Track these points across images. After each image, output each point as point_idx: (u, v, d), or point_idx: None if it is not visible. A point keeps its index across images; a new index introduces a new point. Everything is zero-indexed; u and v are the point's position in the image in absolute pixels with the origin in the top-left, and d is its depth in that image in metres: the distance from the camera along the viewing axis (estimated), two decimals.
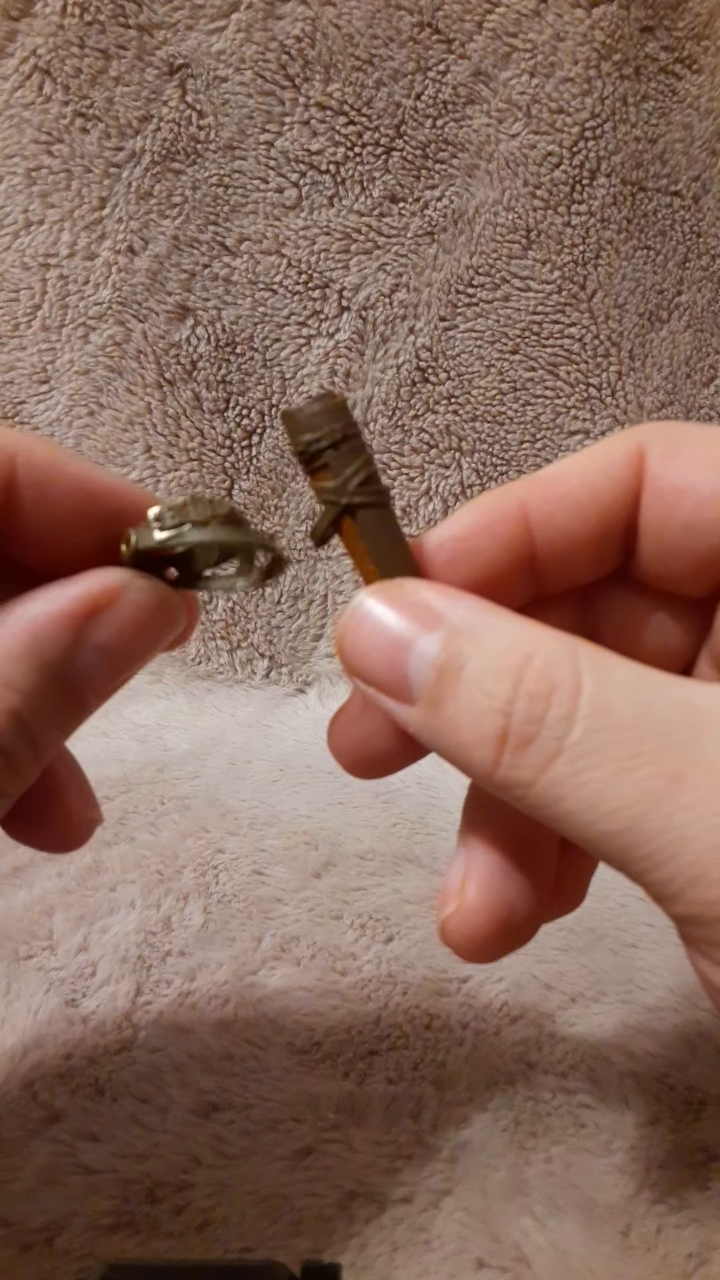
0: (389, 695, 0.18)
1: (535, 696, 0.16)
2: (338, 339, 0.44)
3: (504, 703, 0.16)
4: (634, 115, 0.42)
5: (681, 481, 0.19)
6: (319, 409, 0.18)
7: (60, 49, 0.40)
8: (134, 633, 0.19)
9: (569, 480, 0.20)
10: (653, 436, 0.20)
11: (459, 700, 0.17)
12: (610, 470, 0.19)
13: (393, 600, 0.18)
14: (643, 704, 0.16)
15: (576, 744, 0.16)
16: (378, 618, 0.18)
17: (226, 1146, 0.28)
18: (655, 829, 0.16)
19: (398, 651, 0.17)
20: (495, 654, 0.17)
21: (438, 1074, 0.30)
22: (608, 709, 0.16)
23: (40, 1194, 0.26)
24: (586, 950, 0.33)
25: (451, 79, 0.41)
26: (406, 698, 0.17)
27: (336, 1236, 0.26)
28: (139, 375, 0.44)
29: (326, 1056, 0.30)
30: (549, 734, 0.16)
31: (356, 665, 0.18)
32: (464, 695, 0.17)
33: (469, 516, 0.20)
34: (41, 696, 0.18)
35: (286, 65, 0.41)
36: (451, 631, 0.17)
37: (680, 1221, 0.26)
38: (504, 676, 0.17)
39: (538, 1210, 0.26)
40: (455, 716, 0.17)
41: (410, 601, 0.18)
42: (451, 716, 0.17)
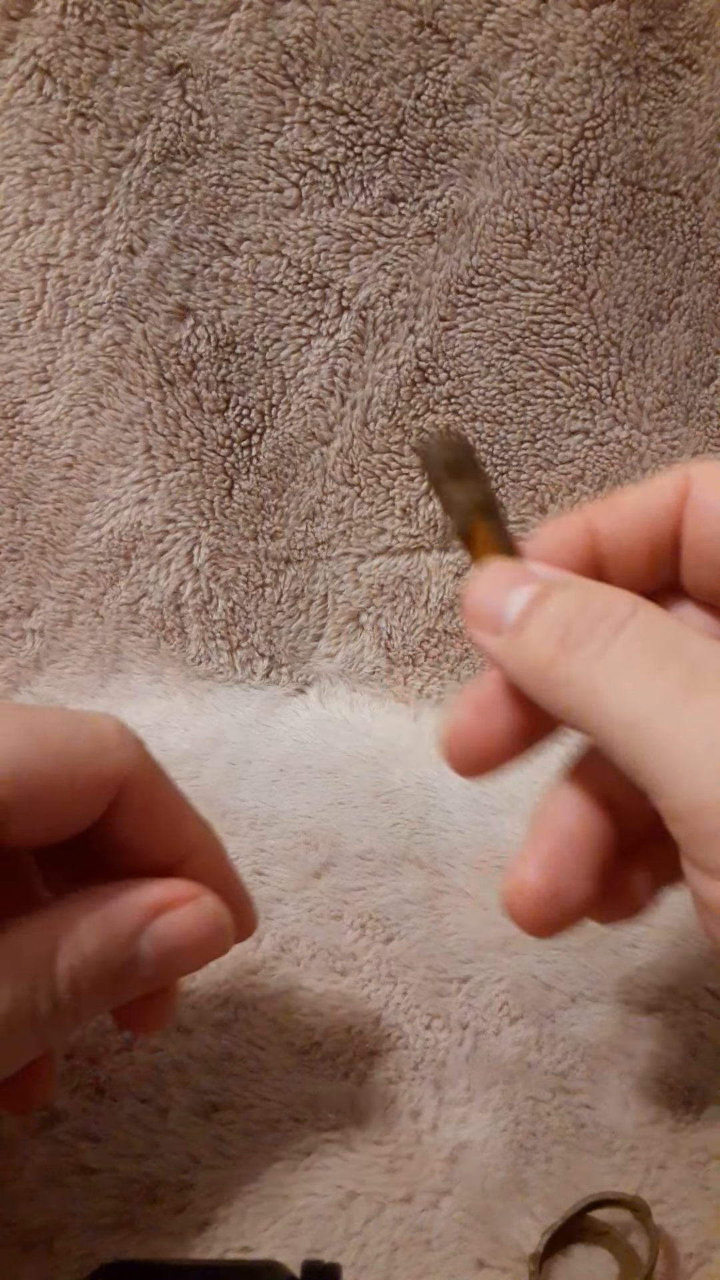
0: (484, 629, 0.23)
1: (594, 615, 0.21)
2: (338, 339, 0.44)
3: (571, 617, 0.21)
4: (634, 115, 0.42)
5: (713, 500, 0.24)
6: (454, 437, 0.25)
7: (60, 49, 0.40)
8: (186, 937, 0.23)
9: (626, 501, 0.25)
10: (700, 467, 0.24)
11: (535, 621, 0.22)
12: (662, 493, 0.24)
13: (505, 567, 0.24)
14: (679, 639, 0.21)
15: (618, 649, 0.21)
16: (493, 577, 0.24)
17: (227, 1146, 0.28)
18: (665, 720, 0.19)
19: (498, 596, 0.23)
20: (571, 593, 0.22)
21: (438, 1074, 0.30)
22: (649, 635, 0.21)
23: (40, 1194, 0.26)
24: (586, 950, 0.33)
25: (451, 79, 0.41)
26: (497, 629, 0.23)
27: (336, 1236, 0.26)
28: (139, 375, 0.44)
29: (326, 1056, 0.30)
30: (599, 638, 0.21)
31: (469, 607, 0.23)
32: (540, 618, 0.22)
33: (548, 533, 0.25)
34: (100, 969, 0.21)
35: (286, 65, 0.41)
36: (544, 583, 0.23)
37: (680, 1221, 0.26)
38: (574, 603, 0.22)
39: (538, 1210, 0.26)
40: (530, 634, 0.22)
41: (518, 567, 0.24)
42: (529, 633, 0.22)
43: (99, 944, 0.21)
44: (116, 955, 0.22)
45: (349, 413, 0.45)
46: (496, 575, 0.24)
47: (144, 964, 0.22)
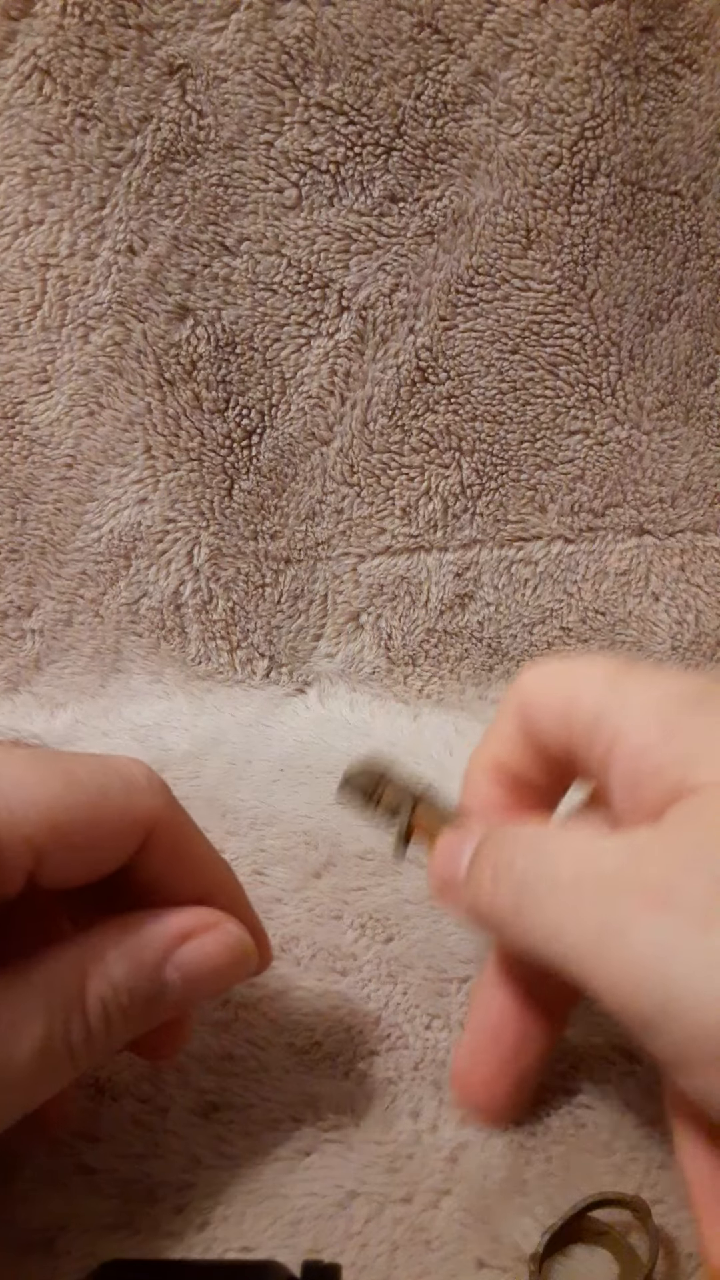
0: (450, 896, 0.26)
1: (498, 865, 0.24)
2: (337, 339, 0.44)
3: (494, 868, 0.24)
4: (634, 115, 0.42)
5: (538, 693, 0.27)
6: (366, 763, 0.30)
7: (60, 49, 0.40)
8: (211, 962, 0.24)
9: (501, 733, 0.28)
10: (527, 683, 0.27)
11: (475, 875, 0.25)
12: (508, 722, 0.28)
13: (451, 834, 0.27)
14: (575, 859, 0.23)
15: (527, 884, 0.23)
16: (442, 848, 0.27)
17: (226, 1146, 0.28)
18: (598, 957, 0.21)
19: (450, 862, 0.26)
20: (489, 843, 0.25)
21: (437, 1074, 0.30)
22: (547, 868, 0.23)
23: (40, 1194, 0.26)
24: None
25: (451, 79, 0.41)
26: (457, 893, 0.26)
27: (336, 1236, 0.26)
28: (139, 375, 0.44)
29: (326, 1056, 0.30)
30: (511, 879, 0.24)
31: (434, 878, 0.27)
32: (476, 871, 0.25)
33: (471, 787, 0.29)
34: (130, 996, 0.22)
35: (286, 65, 0.41)
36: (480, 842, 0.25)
37: (680, 1221, 0.26)
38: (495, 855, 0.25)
39: (538, 1211, 0.26)
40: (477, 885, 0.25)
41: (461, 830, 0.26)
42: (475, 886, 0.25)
43: (127, 973, 0.22)
44: (145, 983, 0.23)
45: (349, 413, 0.45)
46: (444, 844, 0.27)
47: (171, 990, 0.23)
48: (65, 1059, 0.22)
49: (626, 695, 0.24)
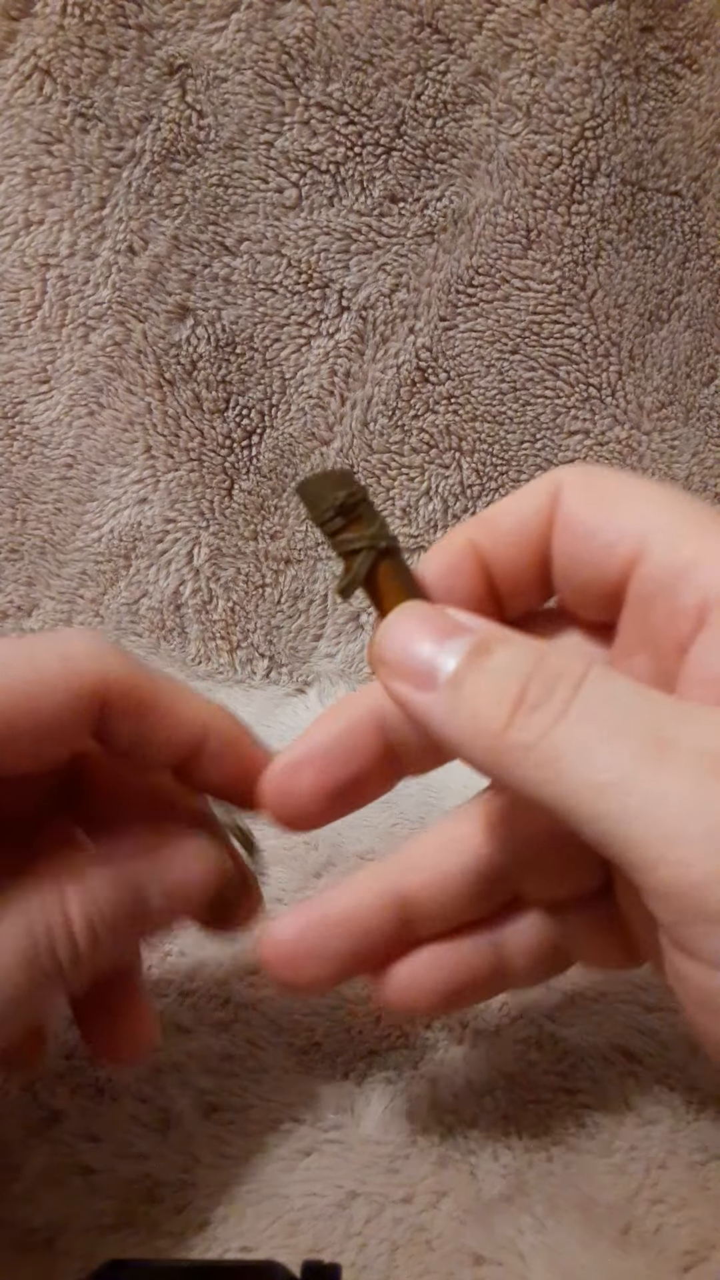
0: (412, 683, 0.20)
1: (549, 673, 0.19)
2: (338, 339, 0.44)
3: (523, 675, 0.19)
4: (634, 115, 0.42)
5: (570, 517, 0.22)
6: (343, 471, 0.23)
7: (60, 49, 0.40)
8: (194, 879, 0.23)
9: (504, 517, 0.23)
10: (570, 474, 0.23)
11: (482, 677, 0.19)
12: (536, 504, 0.23)
13: (427, 613, 0.21)
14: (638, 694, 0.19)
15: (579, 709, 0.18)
16: (414, 623, 0.21)
17: (226, 1146, 0.28)
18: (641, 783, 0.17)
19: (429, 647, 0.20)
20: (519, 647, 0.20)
21: (437, 1074, 0.30)
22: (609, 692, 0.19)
23: (40, 1194, 0.26)
24: None
25: (451, 79, 0.41)
26: (429, 685, 0.20)
27: (336, 1236, 0.26)
28: (139, 375, 0.44)
29: (326, 1056, 0.30)
30: (558, 699, 0.19)
31: (390, 658, 0.21)
32: (488, 673, 0.19)
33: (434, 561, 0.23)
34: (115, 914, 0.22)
35: (286, 65, 0.41)
36: (484, 633, 0.20)
37: (679, 1221, 0.26)
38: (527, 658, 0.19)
39: (537, 1210, 0.26)
40: (476, 689, 0.19)
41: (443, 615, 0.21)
42: (472, 690, 0.19)
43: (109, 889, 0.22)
44: (127, 898, 0.22)
45: (349, 413, 0.45)
46: (421, 621, 0.21)
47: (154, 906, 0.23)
48: (53, 976, 0.21)
49: None
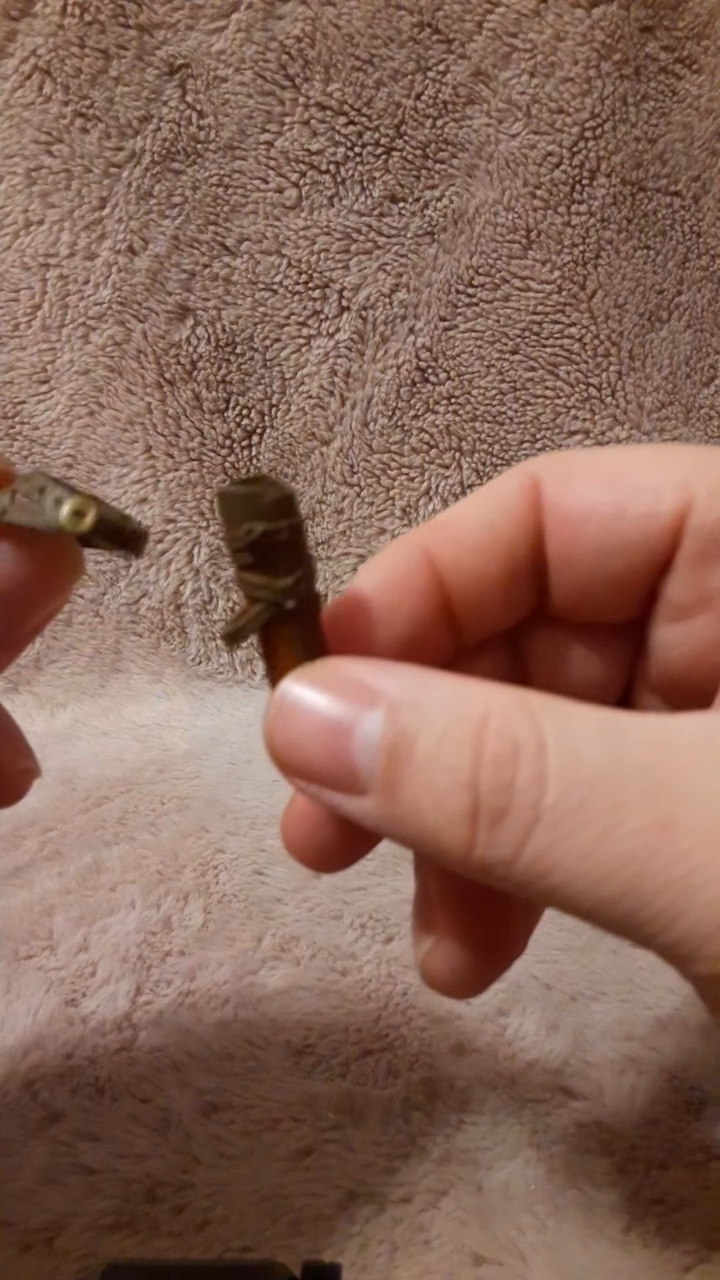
0: (336, 789, 0.16)
1: (500, 761, 0.15)
2: (338, 339, 0.44)
3: (468, 774, 0.15)
4: (634, 115, 0.42)
5: (581, 506, 0.18)
6: (276, 496, 0.16)
7: (60, 49, 0.40)
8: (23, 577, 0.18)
9: (467, 522, 0.19)
10: (544, 466, 0.19)
11: (417, 781, 0.15)
12: (507, 506, 0.19)
13: (322, 683, 0.16)
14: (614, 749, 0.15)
15: (554, 806, 0.14)
16: (308, 705, 0.16)
17: (226, 1146, 0.28)
18: (655, 887, 0.14)
19: (337, 739, 0.16)
20: (446, 722, 0.15)
21: (436, 1074, 0.30)
22: (579, 760, 0.15)
23: (40, 1194, 0.26)
24: (586, 950, 0.33)
25: (451, 79, 0.41)
26: (356, 788, 0.16)
27: (336, 1236, 0.26)
28: (139, 375, 0.44)
29: (325, 1056, 0.30)
30: (522, 800, 0.14)
31: (292, 761, 0.16)
32: (421, 775, 0.15)
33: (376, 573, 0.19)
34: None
35: (286, 65, 0.41)
36: (392, 706, 0.15)
37: (679, 1221, 0.26)
38: (462, 746, 0.15)
39: (538, 1209, 0.26)
40: (416, 800, 0.15)
41: (341, 681, 0.16)
42: (412, 801, 0.15)
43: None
44: None
45: (349, 413, 0.45)
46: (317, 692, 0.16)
47: None
48: None
49: None
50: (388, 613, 0.18)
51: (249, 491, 0.16)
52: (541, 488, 0.19)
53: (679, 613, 0.19)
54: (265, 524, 0.16)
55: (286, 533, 0.17)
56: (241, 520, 0.16)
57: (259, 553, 0.17)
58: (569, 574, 0.19)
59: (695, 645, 0.19)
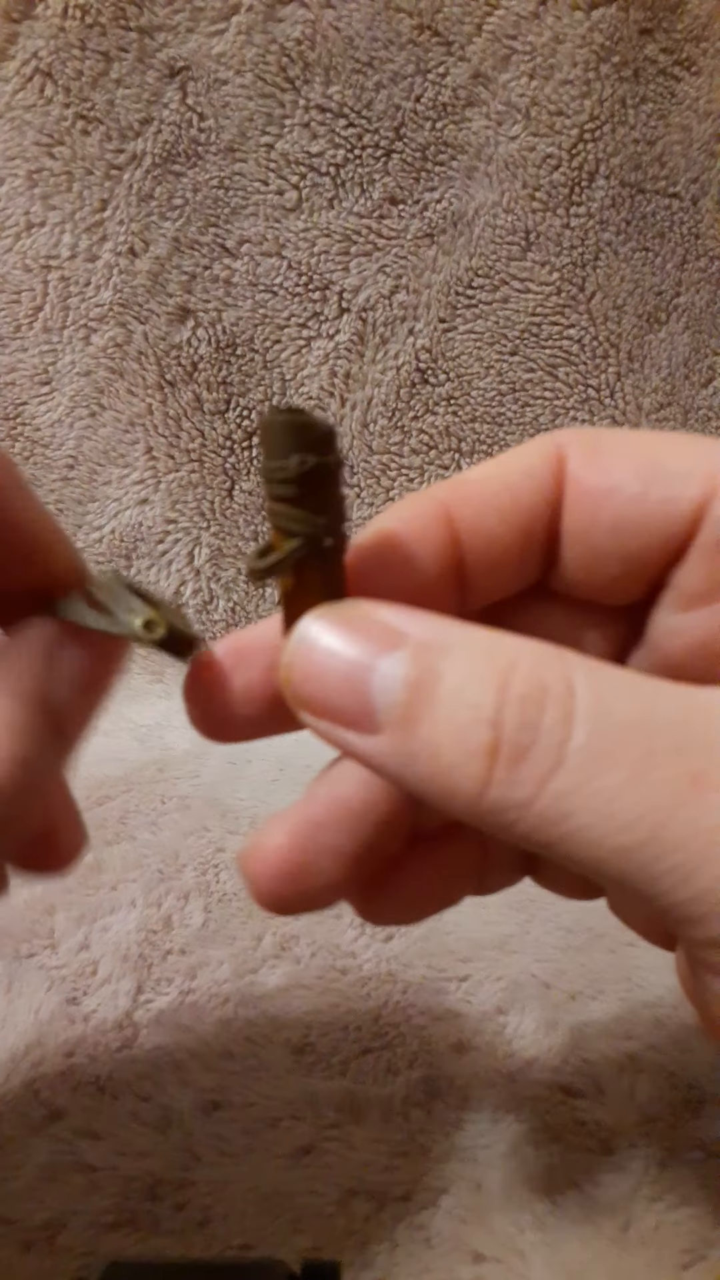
0: (348, 725, 0.16)
1: (527, 700, 0.14)
2: (337, 340, 0.44)
3: (492, 711, 0.14)
4: (633, 117, 0.42)
5: (606, 481, 0.18)
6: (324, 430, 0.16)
7: (61, 51, 0.40)
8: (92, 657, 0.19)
9: (491, 483, 0.19)
10: (572, 439, 0.19)
11: (437, 716, 0.15)
12: (532, 472, 0.19)
13: (347, 621, 0.16)
14: (646, 703, 0.15)
15: (581, 749, 0.14)
16: (331, 641, 0.16)
17: (226, 1144, 0.28)
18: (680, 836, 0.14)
19: (358, 675, 0.15)
20: (474, 661, 0.15)
21: (436, 1072, 0.30)
22: (609, 710, 0.14)
23: (41, 1191, 0.26)
24: (585, 949, 0.34)
25: (451, 81, 0.41)
26: (370, 726, 0.15)
27: (336, 1234, 0.26)
28: (140, 377, 0.44)
29: (326, 1054, 0.30)
30: (548, 740, 0.14)
31: (308, 695, 0.16)
32: (443, 710, 0.15)
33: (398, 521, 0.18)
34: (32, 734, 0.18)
35: (286, 68, 0.41)
36: (420, 646, 0.15)
37: (679, 1219, 0.26)
38: (488, 682, 0.15)
39: (537, 1208, 0.26)
40: (434, 735, 0.15)
41: (368, 621, 0.16)
42: (429, 736, 0.15)
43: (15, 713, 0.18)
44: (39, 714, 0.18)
45: (349, 414, 0.45)
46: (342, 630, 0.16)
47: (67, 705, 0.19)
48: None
49: None
50: (404, 563, 0.18)
51: (300, 421, 0.16)
52: (566, 459, 0.19)
53: (687, 601, 0.19)
54: (317, 457, 0.16)
55: (332, 466, 0.16)
56: (289, 451, 0.16)
57: (305, 486, 0.16)
58: (582, 548, 0.19)
59: (699, 634, 0.19)
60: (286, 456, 0.16)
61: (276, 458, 0.16)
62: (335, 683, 0.16)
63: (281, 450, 0.16)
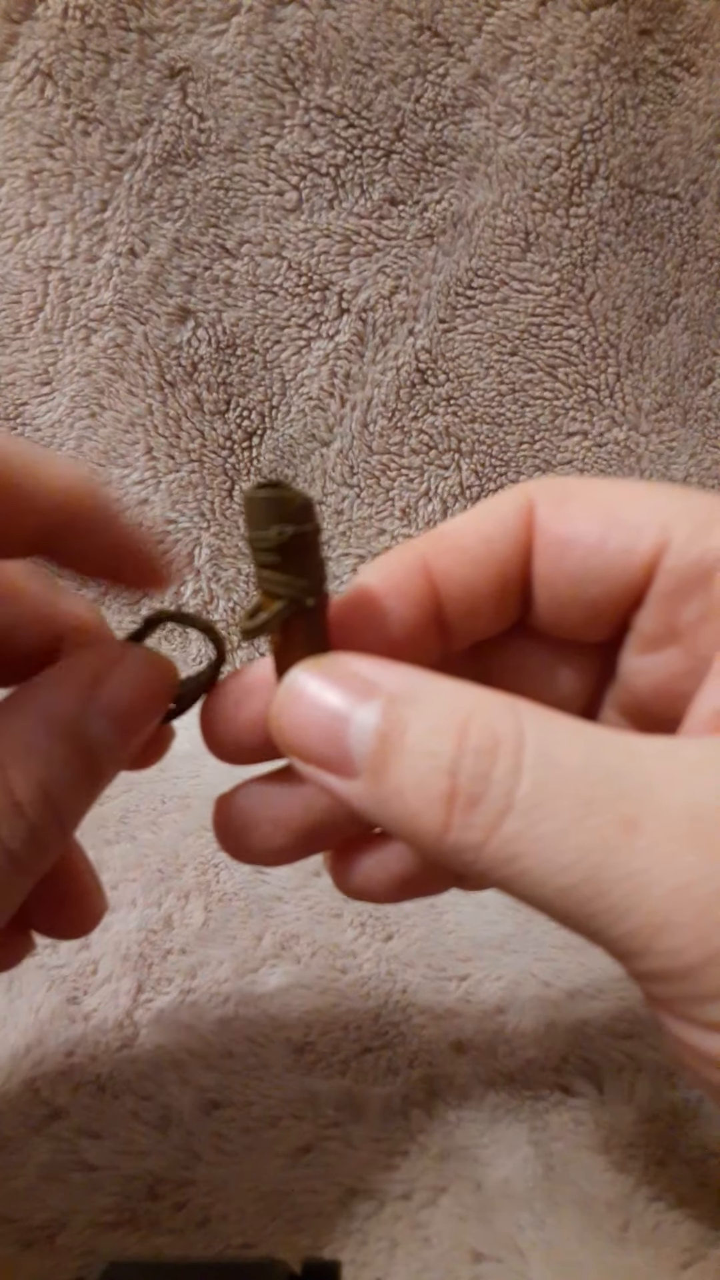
0: (330, 770, 0.17)
1: (480, 752, 0.16)
2: (337, 341, 0.44)
3: (449, 761, 0.16)
4: (632, 118, 0.42)
5: (568, 531, 0.20)
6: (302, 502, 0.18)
7: (61, 52, 0.40)
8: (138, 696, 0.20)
9: (466, 534, 0.20)
10: (541, 489, 0.20)
11: (403, 765, 0.16)
12: (504, 523, 0.20)
13: (327, 674, 0.18)
14: (588, 753, 0.16)
15: (526, 796, 0.16)
16: (313, 693, 0.18)
17: (227, 1143, 0.28)
18: (613, 877, 0.15)
19: (336, 724, 0.17)
20: (436, 715, 0.17)
21: (436, 1071, 0.30)
22: (553, 760, 0.16)
23: (42, 1191, 0.26)
24: (584, 948, 0.34)
25: (451, 82, 0.41)
26: (348, 771, 0.17)
27: (336, 1233, 0.26)
28: (140, 377, 0.44)
29: (326, 1054, 0.30)
30: (497, 789, 0.16)
31: (294, 742, 0.18)
32: (408, 760, 0.16)
33: (378, 576, 0.20)
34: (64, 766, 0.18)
35: (286, 68, 0.41)
36: (390, 698, 0.17)
37: (678, 1218, 0.26)
38: (447, 736, 0.16)
39: (536, 1207, 0.26)
40: (400, 782, 0.16)
41: (345, 674, 0.18)
42: (397, 783, 0.17)
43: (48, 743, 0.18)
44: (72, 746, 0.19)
45: (349, 414, 0.45)
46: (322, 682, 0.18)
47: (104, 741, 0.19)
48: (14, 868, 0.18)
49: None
50: (385, 615, 0.20)
51: (278, 496, 0.17)
52: (535, 509, 0.20)
53: (648, 644, 0.20)
54: (295, 527, 0.18)
55: (308, 536, 0.18)
56: (269, 523, 0.18)
57: (285, 554, 0.18)
58: (550, 593, 0.20)
59: (662, 675, 0.20)
60: (267, 527, 0.18)
61: (258, 528, 0.18)
62: (318, 732, 0.17)
63: (263, 522, 0.18)
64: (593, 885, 0.15)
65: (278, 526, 0.18)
